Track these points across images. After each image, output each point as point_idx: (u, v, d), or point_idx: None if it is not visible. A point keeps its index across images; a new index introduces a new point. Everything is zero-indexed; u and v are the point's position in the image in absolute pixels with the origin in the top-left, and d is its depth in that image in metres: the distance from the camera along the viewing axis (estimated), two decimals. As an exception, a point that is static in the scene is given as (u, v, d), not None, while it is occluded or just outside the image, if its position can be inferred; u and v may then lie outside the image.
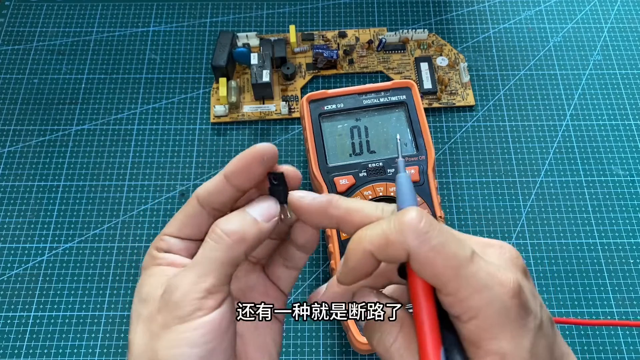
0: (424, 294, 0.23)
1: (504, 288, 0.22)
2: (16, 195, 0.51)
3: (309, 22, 0.60)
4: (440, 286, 0.22)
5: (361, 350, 0.41)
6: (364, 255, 0.23)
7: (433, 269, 0.22)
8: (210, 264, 0.25)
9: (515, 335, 0.22)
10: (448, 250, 0.22)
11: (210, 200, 0.26)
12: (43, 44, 0.59)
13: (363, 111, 0.46)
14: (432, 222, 0.22)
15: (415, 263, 0.22)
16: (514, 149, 0.53)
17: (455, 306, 0.22)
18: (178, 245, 0.27)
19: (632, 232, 0.49)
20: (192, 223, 0.27)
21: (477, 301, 0.21)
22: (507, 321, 0.22)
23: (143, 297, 0.25)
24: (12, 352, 0.44)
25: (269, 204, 0.26)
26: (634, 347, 0.44)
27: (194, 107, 0.55)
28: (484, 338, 0.22)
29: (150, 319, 0.24)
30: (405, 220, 0.22)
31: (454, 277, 0.21)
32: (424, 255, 0.21)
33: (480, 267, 0.22)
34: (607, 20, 0.60)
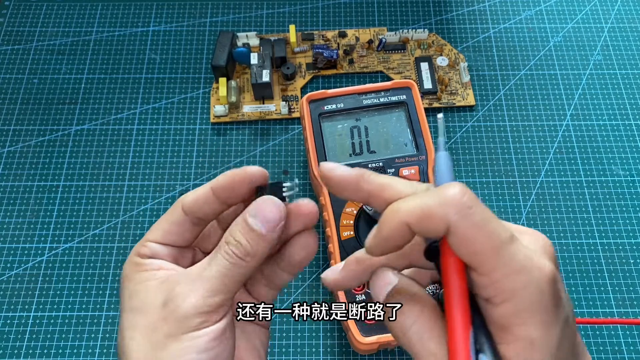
0: (456, 273, 0.22)
1: (542, 273, 0.21)
2: (16, 195, 0.51)
3: (309, 22, 0.60)
4: (477, 265, 0.21)
5: (361, 351, 0.41)
6: (400, 226, 0.22)
7: (473, 246, 0.21)
8: (222, 280, 0.25)
9: (546, 323, 0.21)
10: (490, 227, 0.21)
11: (195, 210, 0.27)
12: (43, 44, 0.59)
13: (363, 111, 0.46)
14: (475, 198, 0.21)
15: (455, 238, 0.21)
16: (514, 149, 0.53)
17: (489, 287, 0.21)
18: (162, 251, 0.27)
19: (633, 232, 0.49)
20: (176, 231, 0.27)
21: (514, 283, 0.21)
22: (541, 307, 0.21)
23: (136, 306, 0.25)
24: (12, 352, 0.44)
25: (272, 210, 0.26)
26: (634, 347, 0.44)
27: (193, 107, 0.55)
28: (515, 323, 0.21)
29: (152, 329, 0.24)
30: (449, 193, 0.21)
31: (493, 256, 0.21)
32: (465, 231, 0.21)
33: (519, 249, 0.21)
34: (607, 20, 0.60)
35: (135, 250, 0.27)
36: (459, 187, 0.21)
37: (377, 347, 0.40)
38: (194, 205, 0.27)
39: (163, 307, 0.25)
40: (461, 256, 0.21)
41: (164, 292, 0.25)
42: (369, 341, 0.39)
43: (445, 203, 0.21)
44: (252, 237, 0.25)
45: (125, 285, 0.26)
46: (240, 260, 0.25)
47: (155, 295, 0.25)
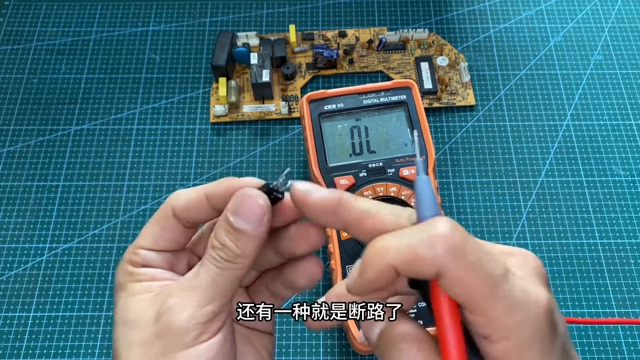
0: (450, 313, 0.21)
1: (539, 307, 0.20)
2: (15, 195, 0.51)
3: (309, 21, 0.60)
4: (473, 305, 0.20)
5: (361, 351, 0.41)
6: (386, 269, 0.21)
7: (466, 288, 0.20)
8: (213, 287, 0.23)
9: (544, 355, 0.20)
10: (483, 267, 0.20)
11: (187, 215, 0.25)
12: (42, 44, 0.59)
13: (363, 111, 0.46)
14: (466, 236, 0.20)
15: (447, 281, 0.20)
16: (514, 149, 0.53)
17: (486, 326, 0.20)
18: (155, 258, 0.25)
19: (633, 232, 0.49)
20: (167, 236, 0.26)
21: (511, 321, 0.20)
22: (539, 341, 0.20)
23: (130, 320, 0.24)
24: (11, 352, 0.44)
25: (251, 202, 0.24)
26: (635, 347, 0.44)
27: (193, 107, 0.55)
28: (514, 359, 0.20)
29: (147, 345, 0.23)
30: (438, 232, 0.20)
31: (489, 296, 0.20)
32: (457, 273, 0.20)
33: (514, 284, 0.20)
34: (607, 20, 0.60)
35: (126, 257, 0.26)
36: (448, 225, 0.20)
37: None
38: (186, 211, 0.25)
39: (156, 322, 0.23)
40: (454, 297, 0.21)
41: (157, 305, 0.23)
42: (369, 341, 0.39)
43: (435, 244, 0.20)
44: (239, 237, 0.23)
45: (119, 296, 0.25)
46: (229, 264, 0.23)
47: (148, 309, 0.24)
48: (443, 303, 0.21)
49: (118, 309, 0.25)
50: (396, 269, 0.21)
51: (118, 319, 0.24)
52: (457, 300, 0.21)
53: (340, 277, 0.40)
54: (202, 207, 0.25)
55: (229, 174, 0.51)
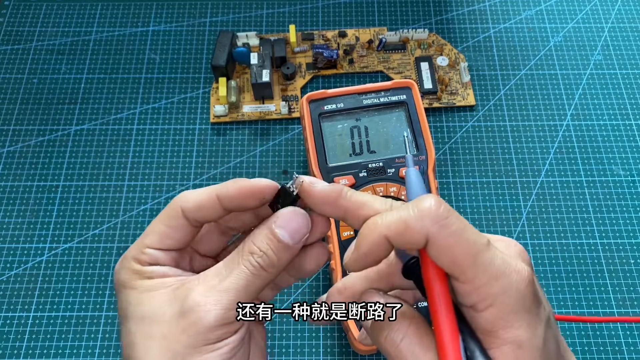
0: (439, 282, 0.23)
1: (520, 276, 0.22)
2: (15, 195, 0.51)
3: (309, 21, 0.60)
4: (458, 273, 0.22)
5: (361, 351, 0.41)
6: (379, 240, 0.23)
7: (452, 255, 0.21)
8: (245, 291, 0.25)
9: (530, 324, 0.22)
10: (467, 235, 0.22)
11: (197, 215, 0.26)
12: (42, 44, 0.59)
13: (363, 111, 0.46)
14: (450, 209, 0.22)
15: (434, 248, 0.22)
16: (514, 149, 0.53)
17: (472, 294, 0.22)
18: (162, 256, 0.26)
19: (633, 232, 0.49)
20: (175, 236, 0.26)
21: (495, 288, 0.21)
22: (523, 310, 0.22)
23: (148, 315, 0.24)
24: (11, 352, 0.44)
25: (299, 221, 0.26)
26: (635, 347, 0.44)
27: (193, 107, 0.55)
28: (501, 326, 0.22)
29: (170, 339, 0.24)
30: (425, 206, 0.22)
31: (472, 263, 0.21)
32: (443, 240, 0.21)
33: (496, 254, 0.22)
34: (607, 20, 0.60)
35: (131, 256, 0.26)
36: (434, 199, 0.22)
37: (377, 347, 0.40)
38: (197, 211, 0.26)
39: (181, 317, 0.24)
40: (442, 265, 0.22)
41: (179, 300, 0.24)
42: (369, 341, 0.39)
43: (422, 215, 0.22)
44: (279, 248, 0.25)
45: (127, 293, 0.25)
46: (263, 271, 0.25)
47: (169, 303, 0.24)
48: (433, 274, 0.23)
49: (130, 305, 0.25)
50: (389, 239, 0.22)
51: (131, 314, 0.25)
52: (445, 269, 0.22)
53: (341, 276, 0.40)
54: (213, 207, 0.26)
55: (229, 174, 0.52)
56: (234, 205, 0.26)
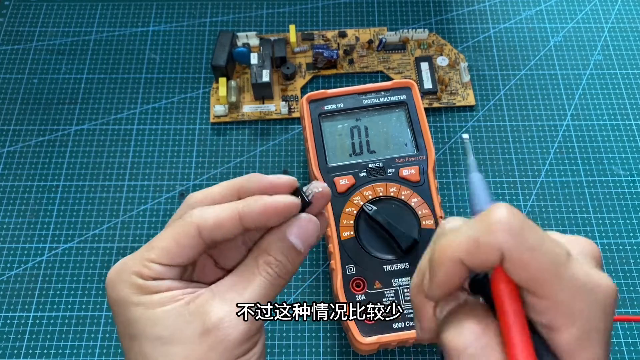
0: (513, 300, 0.21)
1: (604, 292, 0.20)
2: (15, 195, 0.51)
3: (309, 21, 0.60)
4: (537, 289, 0.20)
5: (361, 351, 0.41)
6: (453, 264, 0.21)
7: (530, 270, 0.20)
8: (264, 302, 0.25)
9: (607, 341, 0.20)
10: (545, 248, 0.20)
11: (216, 235, 0.25)
12: (43, 44, 0.59)
13: (363, 111, 0.46)
14: (524, 218, 0.20)
15: (510, 264, 0.20)
16: (514, 149, 0.53)
17: (550, 311, 0.20)
18: (168, 272, 0.25)
19: (633, 232, 0.49)
20: (184, 253, 0.25)
21: (578, 306, 0.20)
22: (605, 328, 0.20)
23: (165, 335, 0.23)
24: (11, 352, 0.44)
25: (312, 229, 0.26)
26: (635, 347, 0.44)
27: (193, 107, 0.55)
28: (581, 347, 0.20)
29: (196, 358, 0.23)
30: (496, 219, 0.20)
31: (554, 278, 0.19)
32: (519, 255, 0.19)
33: (578, 267, 0.20)
34: (607, 20, 0.60)
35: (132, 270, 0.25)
36: (505, 209, 0.20)
37: (377, 347, 0.40)
38: (216, 230, 0.25)
39: (205, 335, 0.23)
40: (519, 282, 0.20)
41: (197, 317, 0.24)
42: (369, 341, 0.39)
43: (495, 229, 0.20)
44: (293, 256, 0.25)
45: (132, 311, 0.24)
46: (280, 279, 0.25)
47: (185, 321, 0.24)
48: (505, 291, 0.21)
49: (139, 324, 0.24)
50: (463, 261, 0.21)
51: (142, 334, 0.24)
52: (522, 284, 0.20)
53: (341, 276, 0.40)
54: (234, 226, 0.25)
55: (229, 174, 0.52)
56: (257, 224, 0.25)
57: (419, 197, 0.42)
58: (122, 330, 0.25)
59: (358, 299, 0.40)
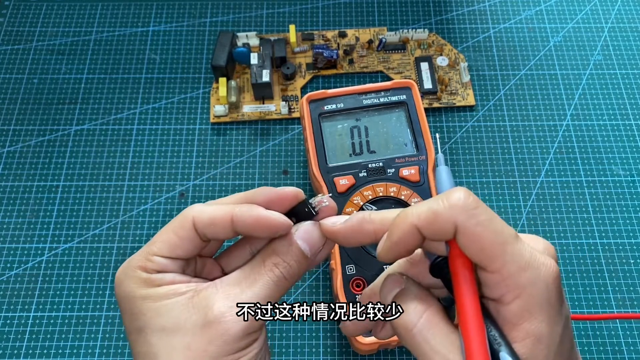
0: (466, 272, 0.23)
1: (548, 270, 0.22)
2: (15, 195, 0.51)
3: (309, 22, 0.60)
4: (487, 262, 0.22)
5: (361, 351, 0.41)
6: (410, 230, 0.23)
7: (481, 243, 0.22)
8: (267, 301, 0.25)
9: (552, 319, 0.22)
10: (495, 225, 0.22)
11: (208, 231, 0.26)
12: (43, 44, 0.59)
13: (363, 111, 0.46)
14: (478, 200, 0.23)
15: (463, 237, 0.22)
16: (514, 149, 0.53)
17: (499, 285, 0.22)
18: (170, 264, 0.26)
19: (633, 232, 0.49)
20: (184, 246, 0.26)
21: (523, 279, 0.22)
22: (547, 304, 0.22)
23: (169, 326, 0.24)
24: (11, 352, 0.44)
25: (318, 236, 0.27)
26: (635, 347, 0.44)
27: (193, 107, 0.55)
28: (525, 319, 0.22)
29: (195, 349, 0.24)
30: (454, 197, 0.22)
31: (501, 253, 0.22)
32: (472, 229, 0.22)
33: (524, 246, 0.22)
34: (607, 20, 0.60)
35: (136, 265, 0.26)
36: (463, 191, 0.23)
37: (377, 347, 0.40)
38: (209, 227, 0.26)
39: (206, 327, 0.24)
40: (470, 255, 0.22)
41: (200, 309, 0.24)
42: (369, 341, 0.39)
43: (452, 205, 0.22)
44: (301, 261, 0.26)
45: (138, 304, 0.25)
46: (285, 281, 0.26)
47: (188, 312, 0.24)
48: (460, 265, 0.23)
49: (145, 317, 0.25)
50: (419, 229, 0.23)
51: (148, 325, 0.25)
52: (473, 258, 0.22)
53: (340, 276, 0.40)
54: (225, 227, 0.26)
55: (229, 174, 0.52)
56: (246, 231, 0.26)
57: (419, 197, 0.42)
58: (129, 325, 0.26)
59: (358, 299, 0.40)
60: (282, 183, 0.51)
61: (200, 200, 0.50)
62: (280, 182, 0.51)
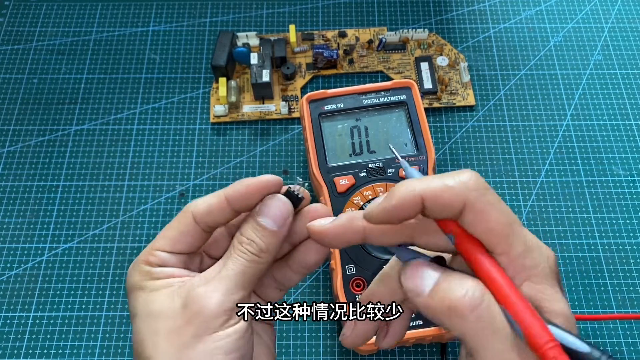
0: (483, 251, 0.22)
1: (549, 251, 0.23)
2: (15, 195, 0.51)
3: (309, 21, 0.60)
4: (495, 243, 0.22)
5: (361, 351, 0.41)
6: (413, 199, 0.22)
7: (489, 223, 0.22)
8: (239, 278, 0.26)
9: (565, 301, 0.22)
10: (503, 207, 0.22)
11: (208, 219, 0.27)
12: (42, 44, 0.59)
13: (363, 111, 0.46)
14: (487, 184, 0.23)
15: (472, 215, 0.22)
16: (514, 149, 0.53)
17: (508, 267, 0.22)
18: (171, 259, 0.27)
19: (633, 232, 0.49)
20: (185, 240, 0.27)
21: (529, 260, 0.22)
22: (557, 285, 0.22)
23: (154, 313, 0.26)
24: (11, 352, 0.44)
25: (279, 205, 0.27)
26: (635, 347, 0.44)
27: (193, 107, 0.55)
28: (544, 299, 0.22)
29: (176, 332, 0.25)
30: (466, 176, 0.22)
31: (509, 232, 0.22)
32: (482, 207, 0.22)
33: (525, 230, 0.23)
34: (607, 20, 0.60)
35: (142, 259, 0.27)
36: (474, 173, 0.23)
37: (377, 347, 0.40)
38: (208, 215, 0.27)
39: (184, 309, 0.25)
40: (478, 233, 0.22)
41: (182, 296, 0.25)
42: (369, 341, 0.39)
43: (464, 182, 0.22)
44: (265, 234, 0.26)
45: (138, 294, 0.27)
46: (255, 257, 0.26)
47: (173, 299, 0.25)
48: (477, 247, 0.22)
49: (138, 305, 0.26)
50: (424, 200, 0.22)
51: (139, 313, 0.26)
52: (481, 237, 0.22)
53: (340, 276, 0.40)
54: (223, 209, 0.27)
55: (229, 174, 0.52)
56: (242, 205, 0.27)
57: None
58: (130, 313, 0.27)
59: (358, 299, 0.40)
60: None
61: (200, 200, 0.50)
62: (280, 182, 0.51)
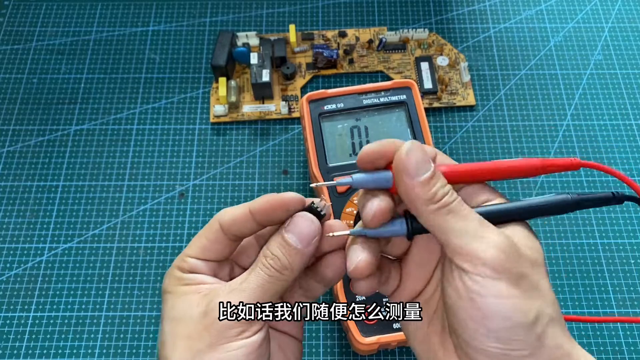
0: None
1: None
2: (15, 195, 0.51)
3: (309, 21, 0.60)
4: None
5: (361, 351, 0.41)
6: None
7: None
8: (258, 292, 0.26)
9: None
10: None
11: (233, 229, 0.28)
12: (42, 44, 0.59)
13: (363, 111, 0.46)
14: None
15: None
16: (514, 149, 0.53)
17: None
18: (202, 266, 0.28)
19: (633, 232, 0.49)
20: (214, 248, 0.28)
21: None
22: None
23: (178, 317, 0.26)
24: (11, 352, 0.44)
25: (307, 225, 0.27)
26: (635, 348, 0.44)
27: (193, 107, 0.55)
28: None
29: (193, 337, 0.25)
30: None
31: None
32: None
33: None
34: (608, 20, 0.60)
35: (175, 264, 0.28)
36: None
37: (377, 347, 0.40)
38: (232, 225, 0.28)
39: (204, 316, 0.26)
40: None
41: (204, 303, 0.26)
42: (369, 341, 0.39)
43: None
44: (289, 252, 0.27)
45: (167, 298, 0.28)
46: (277, 273, 0.26)
47: (196, 306, 0.26)
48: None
49: (166, 307, 0.27)
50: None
51: (165, 316, 0.27)
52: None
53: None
54: (246, 221, 0.28)
55: (228, 174, 0.51)
56: (265, 218, 0.28)
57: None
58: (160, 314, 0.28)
59: (358, 299, 0.40)
60: (282, 183, 0.51)
61: (199, 200, 0.50)
62: (280, 182, 0.51)
